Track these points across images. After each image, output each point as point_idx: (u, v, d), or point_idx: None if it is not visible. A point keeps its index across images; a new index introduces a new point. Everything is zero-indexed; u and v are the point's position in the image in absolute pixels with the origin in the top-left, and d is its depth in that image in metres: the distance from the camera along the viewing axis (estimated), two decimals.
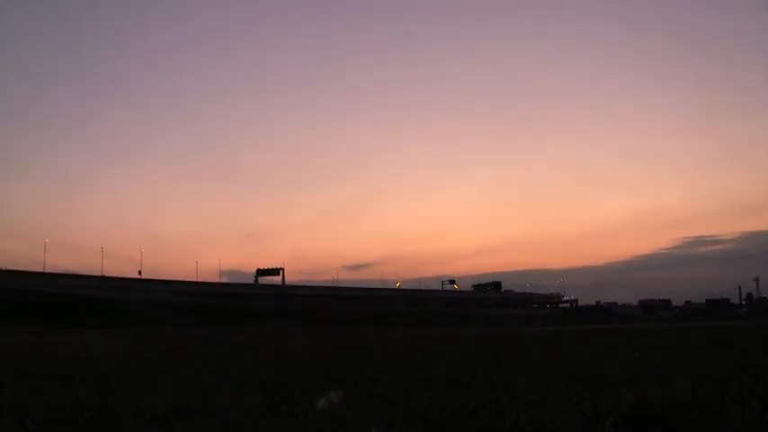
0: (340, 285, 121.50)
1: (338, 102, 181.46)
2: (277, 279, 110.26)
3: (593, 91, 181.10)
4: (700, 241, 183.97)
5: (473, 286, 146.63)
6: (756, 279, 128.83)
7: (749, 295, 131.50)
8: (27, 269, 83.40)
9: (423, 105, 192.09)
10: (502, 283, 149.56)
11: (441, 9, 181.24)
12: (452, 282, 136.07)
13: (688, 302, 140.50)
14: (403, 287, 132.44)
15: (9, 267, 79.65)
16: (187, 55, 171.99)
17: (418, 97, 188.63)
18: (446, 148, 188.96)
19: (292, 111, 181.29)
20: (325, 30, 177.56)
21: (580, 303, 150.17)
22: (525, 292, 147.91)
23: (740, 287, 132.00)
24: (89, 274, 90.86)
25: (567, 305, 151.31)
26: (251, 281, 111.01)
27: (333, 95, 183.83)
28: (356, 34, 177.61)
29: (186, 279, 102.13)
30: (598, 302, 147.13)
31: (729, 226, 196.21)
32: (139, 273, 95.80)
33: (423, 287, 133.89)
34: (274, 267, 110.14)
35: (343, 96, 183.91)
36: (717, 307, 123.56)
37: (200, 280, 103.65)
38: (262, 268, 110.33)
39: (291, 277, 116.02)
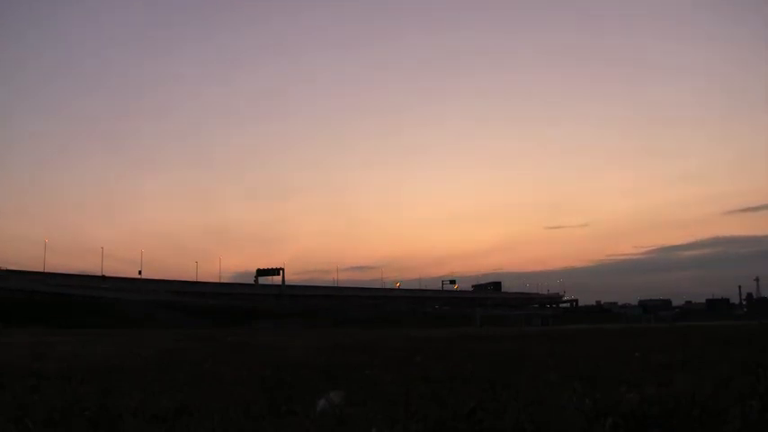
0: (340, 285, 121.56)
1: (339, 102, 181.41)
2: (277, 279, 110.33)
3: (593, 94, 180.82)
4: (703, 242, 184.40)
5: (473, 286, 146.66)
6: (757, 279, 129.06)
7: (749, 295, 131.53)
8: (27, 269, 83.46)
9: (422, 106, 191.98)
10: (502, 284, 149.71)
11: (440, 7, 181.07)
12: (452, 282, 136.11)
13: (688, 302, 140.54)
14: (403, 287, 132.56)
15: (9, 267, 79.70)
16: (190, 58, 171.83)
17: (418, 98, 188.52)
18: (446, 149, 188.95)
19: (294, 112, 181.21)
20: (325, 32, 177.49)
21: (580, 303, 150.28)
22: (525, 292, 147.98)
23: (740, 287, 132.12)
24: (89, 273, 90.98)
25: (567, 305, 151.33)
26: (251, 281, 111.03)
27: (332, 95, 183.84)
28: (357, 33, 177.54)
29: (186, 279, 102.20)
30: (598, 302, 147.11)
31: (733, 227, 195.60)
32: (139, 273, 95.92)
33: (423, 287, 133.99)
34: (274, 267, 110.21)
35: (343, 97, 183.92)
36: (717, 307, 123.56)
37: (200, 280, 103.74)
38: (262, 268, 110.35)
39: (292, 278, 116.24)
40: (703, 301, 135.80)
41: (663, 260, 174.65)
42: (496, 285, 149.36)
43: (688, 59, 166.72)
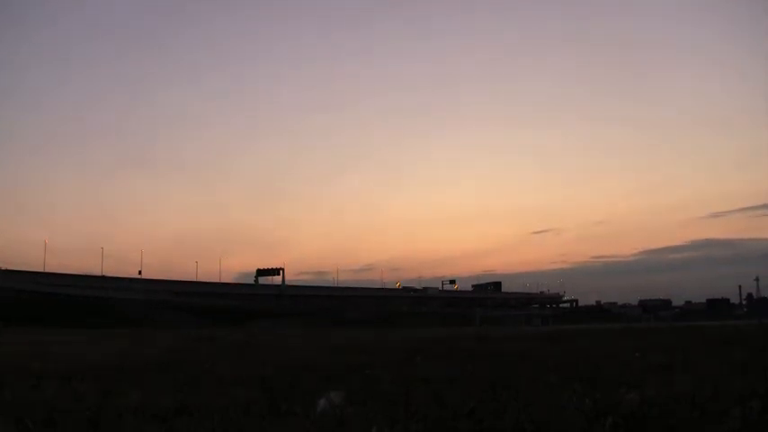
0: (340, 285, 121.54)
1: (339, 102, 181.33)
2: (277, 279, 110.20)
3: (590, 97, 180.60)
4: (705, 243, 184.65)
5: (473, 286, 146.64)
6: (757, 279, 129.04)
7: (749, 295, 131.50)
8: (27, 269, 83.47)
9: (423, 106, 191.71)
10: (502, 284, 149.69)
11: (436, 11, 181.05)
12: (452, 282, 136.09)
13: (688, 302, 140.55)
14: (403, 287, 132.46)
15: (9, 267, 79.71)
16: (190, 58, 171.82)
17: (417, 98, 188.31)
18: (446, 149, 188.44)
19: (293, 111, 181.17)
20: (323, 30, 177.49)
21: (580, 303, 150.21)
22: (525, 293, 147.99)
23: (740, 287, 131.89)
24: (89, 274, 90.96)
25: (568, 305, 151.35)
26: (251, 281, 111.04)
27: (333, 95, 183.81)
28: (355, 30, 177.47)
29: (186, 279, 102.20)
30: (598, 303, 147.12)
31: (737, 229, 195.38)
32: (139, 273, 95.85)
33: (423, 287, 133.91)
34: (274, 267, 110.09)
35: (343, 97, 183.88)
36: (717, 307, 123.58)
37: (200, 280, 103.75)
38: (262, 268, 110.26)
39: (292, 278, 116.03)
40: (703, 301, 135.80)
41: (662, 261, 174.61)
42: (497, 285, 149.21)
43: (684, 61, 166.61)
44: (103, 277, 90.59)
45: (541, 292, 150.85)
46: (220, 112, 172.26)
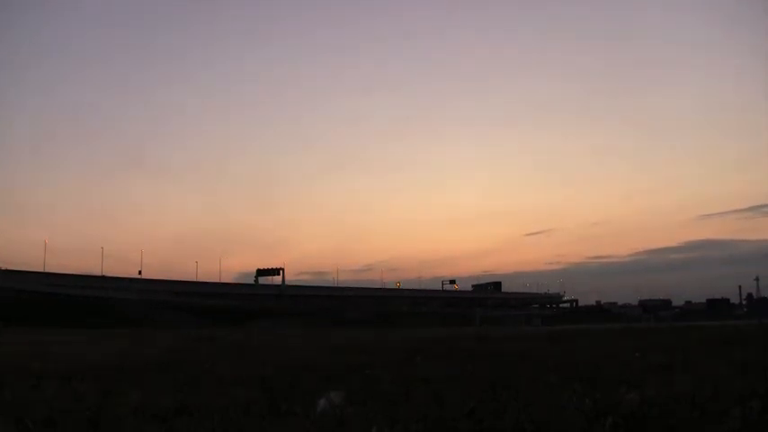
0: (340, 285, 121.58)
1: (339, 102, 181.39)
2: (277, 279, 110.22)
3: (588, 98, 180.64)
4: (704, 243, 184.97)
5: (473, 286, 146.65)
6: (756, 279, 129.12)
7: (749, 295, 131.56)
8: (27, 269, 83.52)
9: (422, 106, 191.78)
10: (502, 284, 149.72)
11: (436, 13, 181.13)
12: (452, 282, 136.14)
13: (688, 302, 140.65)
14: (403, 287, 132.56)
15: (9, 267, 79.74)
16: (186, 57, 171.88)
17: (417, 98, 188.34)
18: (446, 149, 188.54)
19: (293, 111, 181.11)
20: (323, 29, 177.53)
21: (580, 303, 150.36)
22: (525, 292, 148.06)
23: (740, 287, 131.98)
24: (89, 274, 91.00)
25: (568, 305, 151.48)
26: (251, 281, 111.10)
27: (333, 95, 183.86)
28: (355, 29, 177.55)
29: (186, 279, 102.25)
30: (598, 302, 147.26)
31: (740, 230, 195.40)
32: (139, 273, 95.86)
33: (423, 287, 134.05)
34: (274, 267, 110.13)
35: (343, 97, 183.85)
36: (717, 307, 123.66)
37: (200, 280, 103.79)
38: (262, 268, 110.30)
39: (292, 278, 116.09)
40: (703, 301, 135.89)
41: (662, 261, 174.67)
42: (497, 285, 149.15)
43: (682, 63, 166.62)
44: (103, 277, 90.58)
45: (556, 293, 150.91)
46: (220, 111, 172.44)
